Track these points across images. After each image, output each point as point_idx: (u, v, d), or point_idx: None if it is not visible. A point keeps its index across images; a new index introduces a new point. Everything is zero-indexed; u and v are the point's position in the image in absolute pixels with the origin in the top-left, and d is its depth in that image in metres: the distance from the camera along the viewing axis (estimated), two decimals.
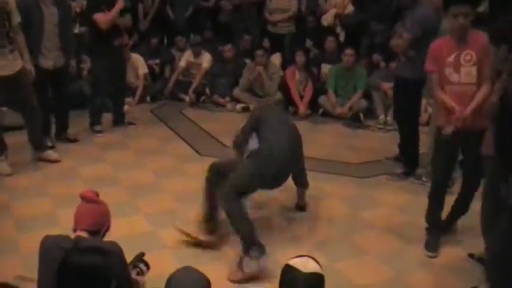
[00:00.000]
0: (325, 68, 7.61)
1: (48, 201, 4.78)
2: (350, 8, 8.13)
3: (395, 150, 5.71)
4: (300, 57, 7.40)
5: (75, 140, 6.16)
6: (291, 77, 7.45)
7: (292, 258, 2.37)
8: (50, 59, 5.65)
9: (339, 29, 8.19)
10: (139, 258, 3.21)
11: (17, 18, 5.13)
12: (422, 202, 4.85)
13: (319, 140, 6.53)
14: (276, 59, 8.18)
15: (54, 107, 6.05)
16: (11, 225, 4.38)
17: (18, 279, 2.73)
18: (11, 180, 5.20)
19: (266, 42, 8.28)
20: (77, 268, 2.18)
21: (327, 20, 8.15)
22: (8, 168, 5.31)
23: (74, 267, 2.19)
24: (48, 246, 2.64)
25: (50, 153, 5.62)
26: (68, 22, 5.97)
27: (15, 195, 4.90)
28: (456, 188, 4.42)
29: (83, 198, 2.82)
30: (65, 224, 2.80)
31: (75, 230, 2.75)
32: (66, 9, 5.82)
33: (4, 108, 6.34)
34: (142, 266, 3.22)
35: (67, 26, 5.87)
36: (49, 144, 5.87)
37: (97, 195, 2.86)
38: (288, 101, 7.46)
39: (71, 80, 6.87)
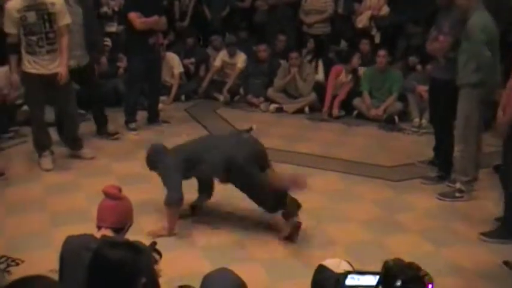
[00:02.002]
0: (360, 70, 7.55)
1: (82, 196, 4.86)
2: (385, 10, 8.04)
3: (429, 154, 5.63)
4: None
5: (116, 133, 6.28)
6: (333, 76, 7.40)
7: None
8: (74, 58, 5.62)
9: (374, 31, 8.11)
10: (152, 247, 3.22)
11: (63, 20, 5.16)
12: (456, 206, 4.81)
13: (352, 142, 6.50)
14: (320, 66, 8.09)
15: (88, 105, 6.19)
16: (46, 220, 4.48)
17: (52, 273, 2.76)
18: (47, 175, 5.30)
19: (311, 43, 8.23)
20: (106, 263, 2.19)
21: (361, 22, 8.09)
22: (50, 164, 5.42)
23: (103, 262, 2.20)
24: (75, 248, 2.61)
25: (87, 152, 5.72)
26: (92, 21, 6.06)
27: (51, 190, 5.00)
28: None
29: (106, 194, 2.80)
30: None
31: (99, 228, 2.74)
32: (89, 8, 5.91)
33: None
34: (155, 255, 3.22)
35: (91, 25, 5.96)
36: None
37: (120, 190, 2.85)
38: (322, 102, 7.42)
39: (106, 78, 6.99)
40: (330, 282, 2.24)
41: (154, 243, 3.25)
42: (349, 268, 2.30)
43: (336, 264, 2.30)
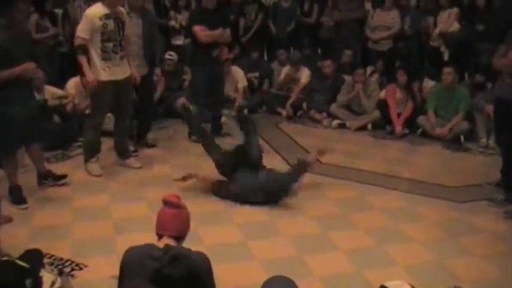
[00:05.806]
0: (427, 82, 7.40)
1: (144, 204, 4.95)
2: (455, 26, 7.88)
3: (496, 175, 5.44)
4: (401, 76, 7.27)
5: (152, 146, 6.41)
6: (392, 96, 7.31)
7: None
8: (132, 68, 5.78)
9: (443, 48, 7.95)
10: None
11: (127, 29, 5.49)
12: None
13: (416, 161, 6.37)
14: None
15: (137, 113, 6.34)
16: (109, 226, 4.58)
17: (114, 279, 2.82)
18: (111, 183, 5.45)
19: (380, 65, 8.17)
20: (168, 281, 2.21)
21: (434, 40, 7.97)
22: (99, 170, 5.61)
23: (166, 280, 2.22)
24: (138, 257, 2.63)
25: (133, 162, 5.88)
26: (152, 33, 6.22)
27: (115, 198, 5.11)
28: None
29: (167, 203, 2.82)
30: None
31: (160, 236, 2.76)
32: (150, 21, 6.13)
33: (109, 114, 6.61)
34: None
35: (150, 37, 6.12)
36: (131, 148, 6.14)
37: (179, 198, 2.87)
38: (386, 119, 7.32)
39: (172, 90, 7.16)
40: None
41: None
42: None
43: (398, 285, 2.26)
